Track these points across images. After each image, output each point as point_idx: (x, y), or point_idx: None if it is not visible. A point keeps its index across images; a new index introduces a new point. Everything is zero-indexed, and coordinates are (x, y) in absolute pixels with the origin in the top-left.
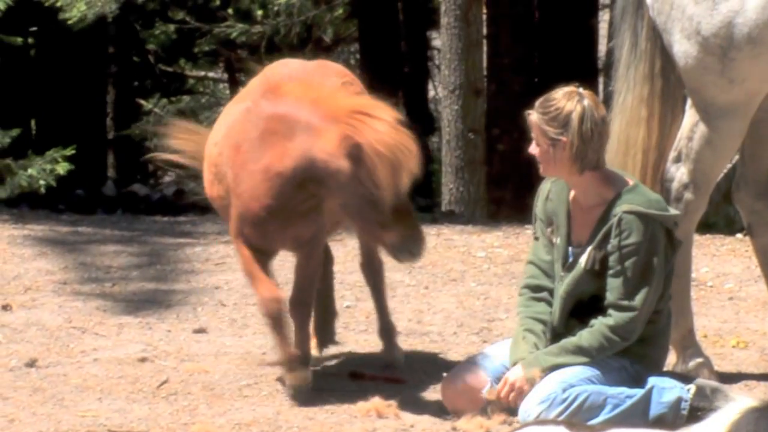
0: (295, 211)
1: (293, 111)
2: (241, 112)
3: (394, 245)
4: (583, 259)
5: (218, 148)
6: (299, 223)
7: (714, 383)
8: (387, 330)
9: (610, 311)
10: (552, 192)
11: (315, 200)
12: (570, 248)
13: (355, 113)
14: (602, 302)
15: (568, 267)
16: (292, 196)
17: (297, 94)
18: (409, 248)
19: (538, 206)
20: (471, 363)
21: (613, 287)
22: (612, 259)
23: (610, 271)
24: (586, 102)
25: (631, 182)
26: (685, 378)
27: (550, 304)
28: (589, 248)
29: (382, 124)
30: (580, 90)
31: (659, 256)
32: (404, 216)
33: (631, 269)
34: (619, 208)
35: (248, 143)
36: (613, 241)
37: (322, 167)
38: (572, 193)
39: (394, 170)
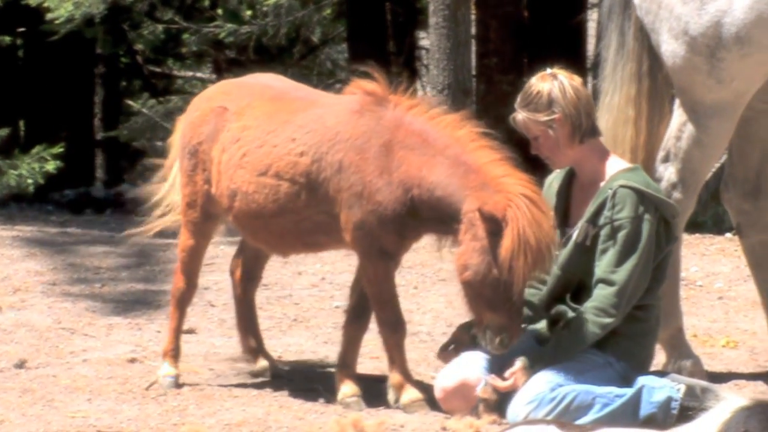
0: (430, 229)
1: (432, 136)
2: (340, 114)
3: (489, 329)
4: (575, 233)
5: (308, 157)
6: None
7: (704, 383)
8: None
9: (595, 290)
10: (555, 179)
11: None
12: (567, 228)
13: (522, 196)
14: (587, 292)
15: (562, 243)
16: (429, 219)
17: (424, 113)
18: (503, 339)
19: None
20: (464, 361)
21: (600, 263)
22: (603, 234)
23: (599, 248)
24: (559, 76)
25: (630, 165)
26: (675, 377)
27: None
28: (582, 221)
29: (544, 219)
30: (548, 70)
31: (649, 237)
32: (512, 308)
33: (619, 243)
34: (616, 183)
35: (375, 150)
36: (606, 214)
37: (470, 224)
38: (574, 178)
39: (535, 267)
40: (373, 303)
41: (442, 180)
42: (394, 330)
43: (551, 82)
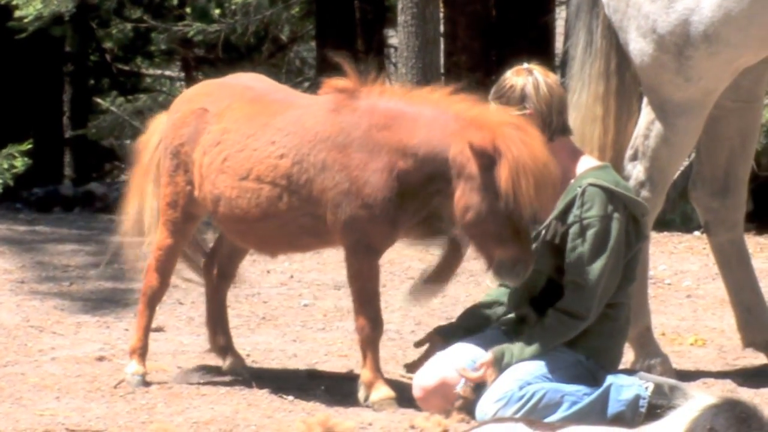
0: (424, 205)
1: (407, 108)
2: (317, 114)
3: (502, 263)
4: (544, 230)
5: (288, 160)
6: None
7: (672, 381)
8: None
9: (566, 291)
10: None
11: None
12: (536, 225)
13: (506, 124)
14: (555, 293)
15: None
16: (421, 190)
17: (397, 93)
18: (516, 270)
19: None
20: (443, 360)
21: (569, 264)
22: (571, 233)
23: (569, 247)
24: (535, 72)
25: (600, 164)
26: (643, 376)
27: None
28: (551, 218)
29: (535, 141)
30: (525, 65)
31: (618, 235)
32: (522, 237)
33: (588, 242)
34: (585, 181)
35: (357, 143)
36: (575, 212)
37: (460, 166)
38: None
39: (538, 189)
40: (354, 299)
41: (423, 138)
42: (372, 328)
43: (525, 78)
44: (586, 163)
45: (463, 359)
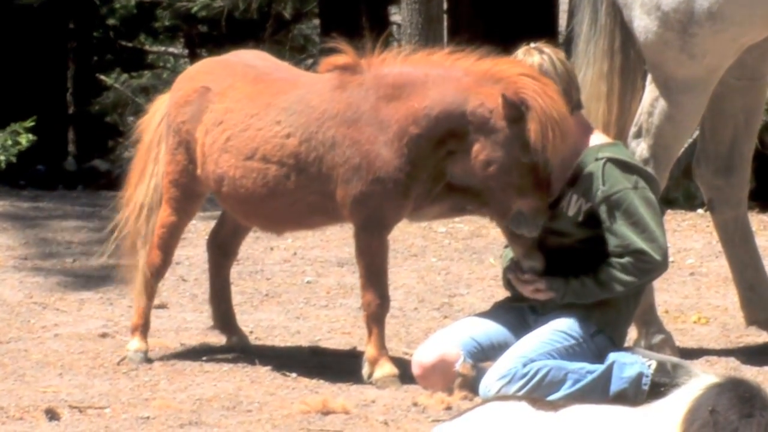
0: (435, 172)
1: (413, 72)
2: (323, 93)
3: (521, 213)
4: (566, 204)
5: (295, 139)
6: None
7: (675, 359)
8: None
9: (622, 259)
10: None
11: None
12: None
13: (524, 75)
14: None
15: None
16: (432, 155)
17: (397, 59)
18: (537, 220)
19: None
20: (442, 337)
21: (618, 238)
22: (603, 210)
23: (607, 225)
24: (545, 50)
25: (612, 140)
26: (646, 353)
27: None
28: (572, 192)
29: (553, 91)
30: (533, 44)
31: (652, 200)
32: (542, 188)
33: (629, 214)
34: (603, 154)
35: (366, 116)
36: (602, 188)
37: (481, 121)
38: None
39: (564, 139)
40: (362, 275)
41: (435, 98)
42: (379, 305)
43: (540, 56)
44: (598, 138)
45: (463, 335)
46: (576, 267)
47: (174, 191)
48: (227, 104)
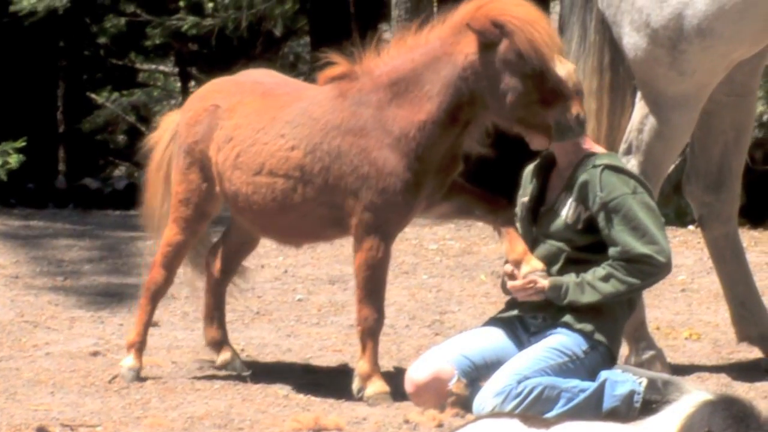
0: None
1: (402, 64)
2: (324, 103)
3: (560, 124)
4: (563, 210)
5: (299, 151)
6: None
7: (666, 375)
8: None
9: (624, 263)
10: (531, 169)
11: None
12: (541, 208)
13: (481, 5)
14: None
15: (544, 214)
16: (439, 141)
17: (387, 55)
18: (578, 122)
19: (522, 186)
20: (436, 355)
21: (621, 242)
22: (601, 218)
23: (606, 232)
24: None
25: (607, 152)
26: (637, 371)
27: None
28: (570, 199)
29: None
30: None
31: (651, 204)
32: (564, 92)
33: (629, 218)
34: (600, 161)
35: (371, 122)
36: (600, 195)
37: (473, 66)
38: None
39: (551, 36)
40: (360, 288)
41: (432, 78)
42: (376, 319)
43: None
44: (592, 145)
45: (456, 353)
46: (577, 273)
47: (184, 210)
48: (236, 120)
